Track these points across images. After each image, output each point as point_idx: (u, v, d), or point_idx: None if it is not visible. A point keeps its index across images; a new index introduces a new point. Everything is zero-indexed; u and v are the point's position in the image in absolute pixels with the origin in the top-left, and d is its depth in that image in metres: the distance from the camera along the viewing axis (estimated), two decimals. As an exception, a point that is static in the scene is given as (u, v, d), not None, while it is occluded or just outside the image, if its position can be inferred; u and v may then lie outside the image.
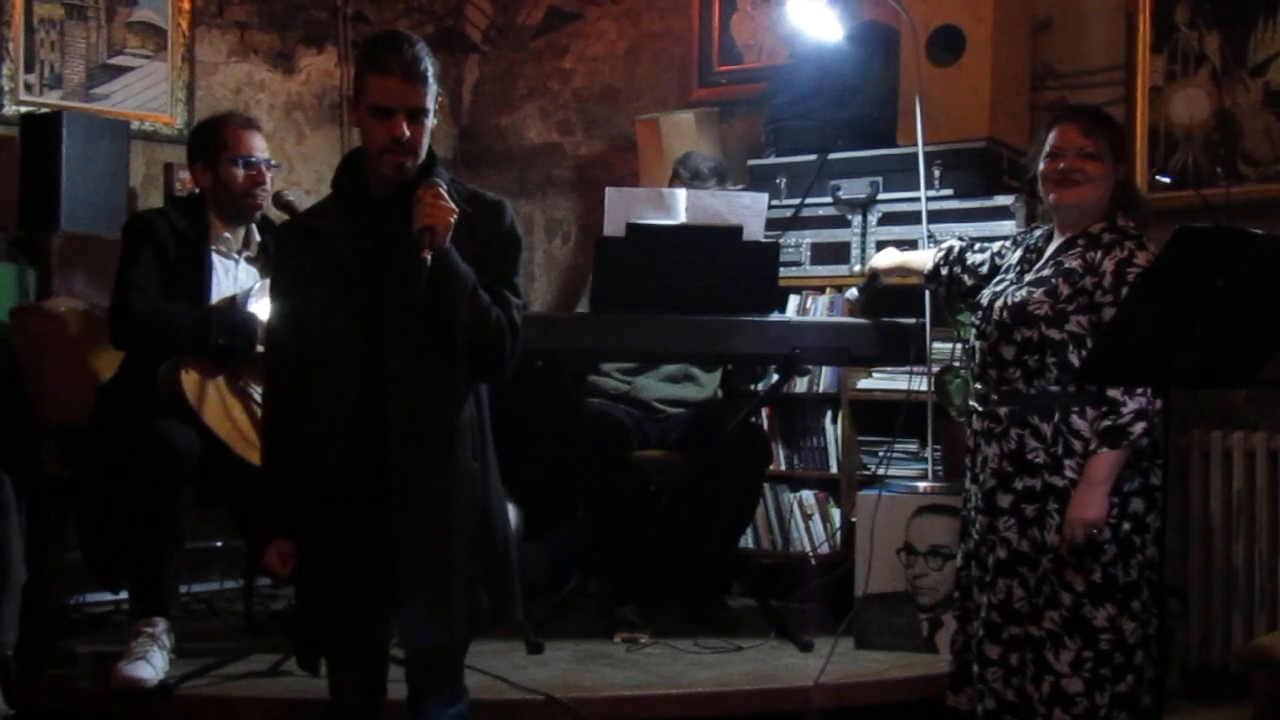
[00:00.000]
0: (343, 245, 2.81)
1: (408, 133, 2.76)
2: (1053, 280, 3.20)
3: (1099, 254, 3.17)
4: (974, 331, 3.38)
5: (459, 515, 2.79)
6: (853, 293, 4.08)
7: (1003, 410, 3.23)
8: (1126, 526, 3.12)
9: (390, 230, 2.78)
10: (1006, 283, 3.33)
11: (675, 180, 4.54)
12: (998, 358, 3.25)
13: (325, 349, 2.80)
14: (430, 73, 2.79)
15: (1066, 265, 3.20)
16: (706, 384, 4.61)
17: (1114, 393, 3.07)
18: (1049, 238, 3.35)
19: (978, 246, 3.63)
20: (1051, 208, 3.31)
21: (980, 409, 3.32)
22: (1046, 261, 3.28)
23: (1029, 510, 3.17)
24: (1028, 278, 3.28)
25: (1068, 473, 3.12)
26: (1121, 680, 3.10)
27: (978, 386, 3.38)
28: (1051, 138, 3.27)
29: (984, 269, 3.55)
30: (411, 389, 2.76)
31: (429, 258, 2.68)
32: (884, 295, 4.13)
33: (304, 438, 2.82)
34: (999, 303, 3.27)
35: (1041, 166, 3.28)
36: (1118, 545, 3.11)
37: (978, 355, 3.33)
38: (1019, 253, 3.41)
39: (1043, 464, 3.16)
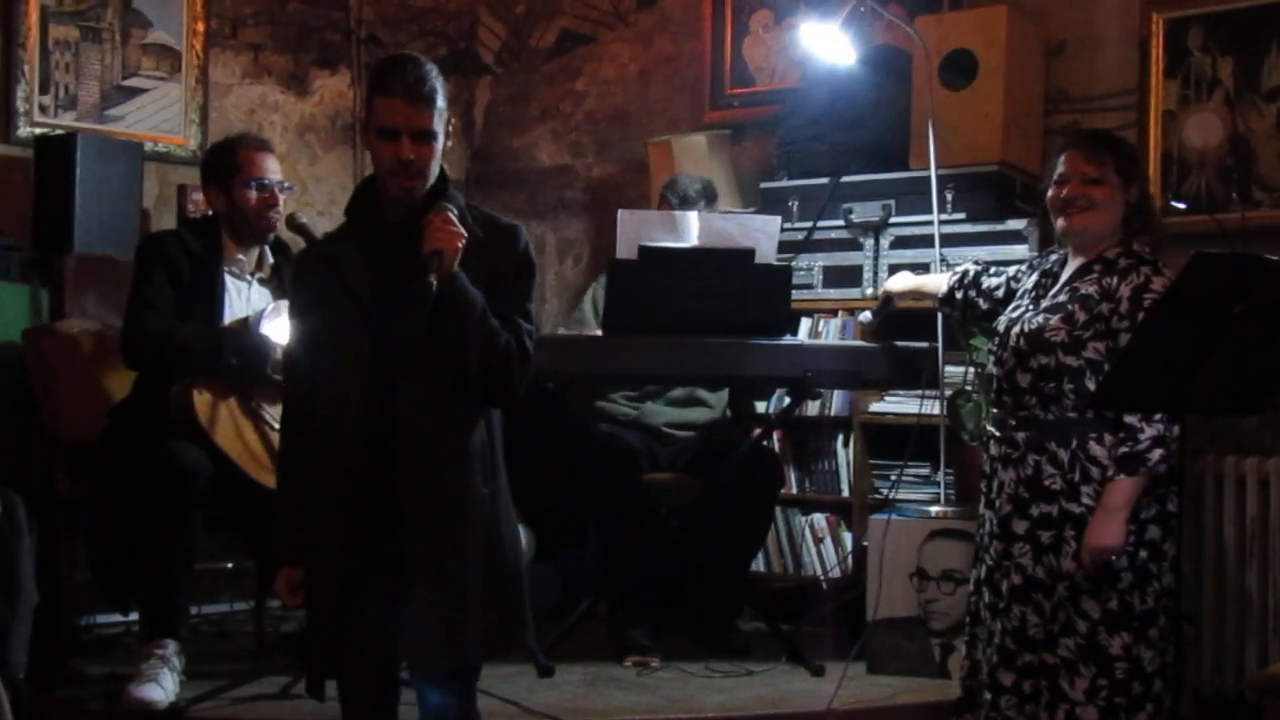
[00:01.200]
0: (355, 270, 2.81)
1: (412, 155, 2.75)
2: (1069, 306, 3.19)
3: (1115, 280, 3.17)
4: (990, 357, 3.37)
5: (468, 541, 2.78)
6: (866, 316, 4.07)
7: (1020, 436, 3.22)
8: (1144, 554, 3.10)
9: (403, 254, 2.78)
10: (1022, 309, 3.32)
11: (663, 205, 4.52)
12: (1014, 384, 3.24)
13: (336, 374, 2.79)
14: (437, 94, 2.77)
15: (1083, 291, 3.20)
16: (714, 405, 4.61)
17: (1131, 419, 3.06)
18: (1064, 263, 3.35)
19: (993, 270, 3.63)
20: (1060, 234, 3.31)
21: (997, 434, 3.30)
22: (1062, 287, 3.27)
23: (1045, 537, 3.16)
24: (1044, 304, 3.27)
25: (1085, 499, 3.11)
26: (1141, 709, 3.09)
27: (994, 412, 3.37)
28: (1059, 164, 3.28)
29: (999, 293, 3.54)
30: (422, 414, 2.75)
31: (435, 282, 2.67)
32: (897, 319, 4.12)
33: (312, 464, 2.81)
34: (1015, 329, 3.26)
35: (1049, 193, 3.29)
36: (1134, 573, 3.09)
37: (994, 381, 3.32)
38: (1034, 277, 3.40)
39: (1060, 490, 3.14)
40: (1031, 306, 3.31)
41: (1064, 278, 3.30)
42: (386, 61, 2.86)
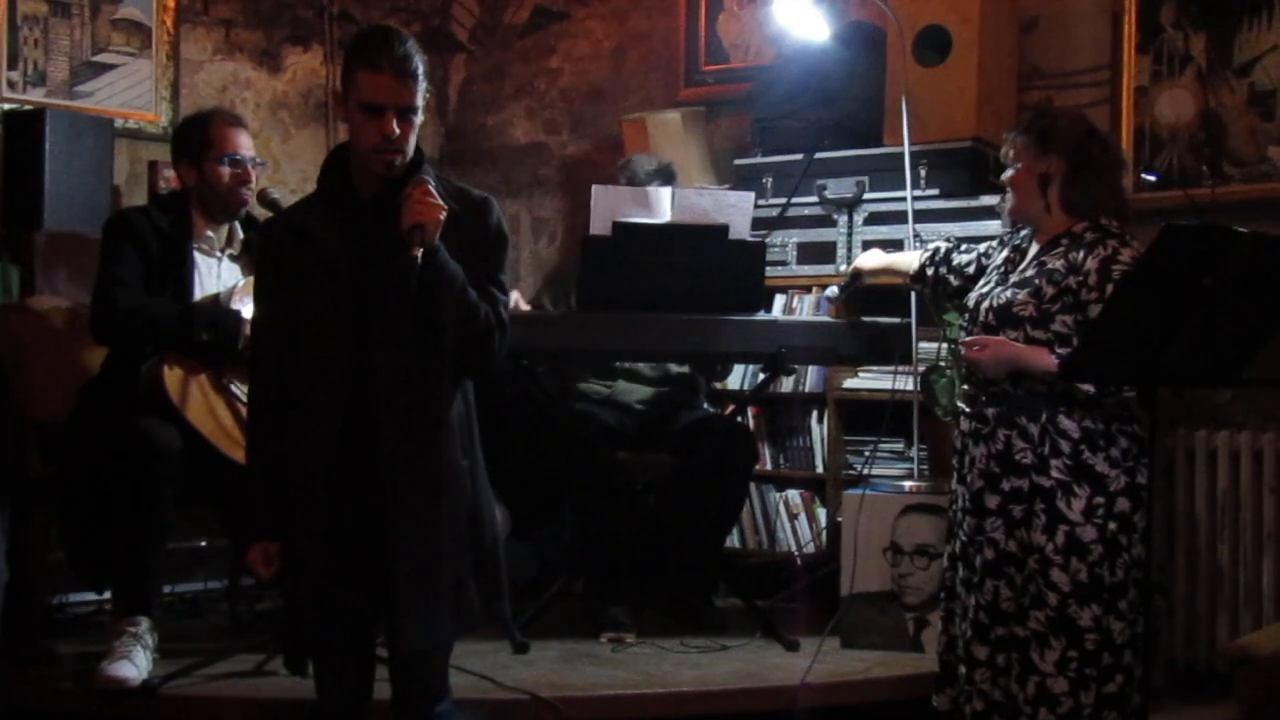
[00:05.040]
0: (329, 244, 2.80)
1: (397, 130, 2.75)
2: (1036, 281, 3.20)
3: (1081, 254, 3.18)
4: (961, 332, 3.38)
5: (449, 512, 2.78)
6: (833, 290, 4.07)
7: (990, 411, 3.23)
8: (1113, 526, 3.12)
9: (378, 229, 2.77)
10: (991, 284, 3.34)
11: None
12: None
13: (314, 349, 2.79)
14: (421, 70, 2.79)
15: (1049, 266, 3.21)
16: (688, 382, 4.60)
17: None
18: (1032, 238, 3.36)
19: (964, 247, 3.64)
20: None
21: (968, 410, 3.32)
22: (1030, 262, 3.28)
23: (1016, 511, 3.17)
24: (1012, 279, 3.29)
25: (1054, 473, 3.13)
26: (1110, 680, 3.11)
27: (965, 388, 3.38)
28: None
29: (970, 269, 3.55)
30: (401, 388, 2.75)
31: (419, 256, 2.67)
32: (867, 295, 4.12)
33: (291, 439, 2.80)
34: (985, 304, 3.28)
35: None
36: (1104, 545, 3.11)
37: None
38: (1005, 253, 3.42)
39: (1030, 464, 3.16)
40: (1000, 282, 3.32)
41: (1031, 253, 3.32)
42: (370, 34, 2.84)
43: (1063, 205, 3.24)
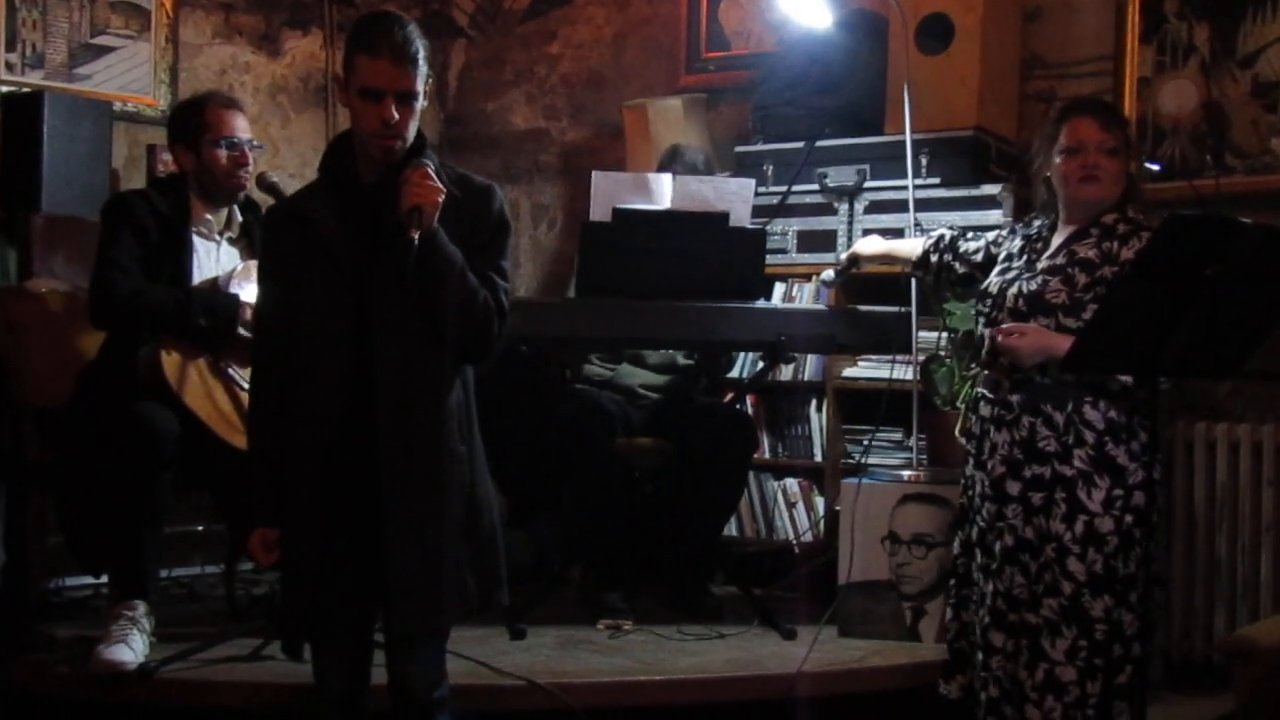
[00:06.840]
0: (331, 229, 2.80)
1: (397, 116, 2.75)
2: (1069, 270, 3.20)
3: (1115, 244, 3.20)
4: (980, 319, 3.37)
5: (447, 499, 2.78)
6: (829, 274, 4.06)
7: (1015, 398, 3.23)
8: (1129, 519, 3.12)
9: (379, 213, 2.77)
10: (1016, 272, 3.32)
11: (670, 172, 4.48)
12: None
13: (314, 333, 2.78)
14: (421, 55, 2.78)
15: (1082, 255, 3.21)
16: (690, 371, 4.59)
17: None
18: (1053, 228, 3.35)
19: (970, 235, 3.63)
20: (1068, 203, 3.29)
21: (990, 396, 3.30)
22: (1058, 251, 3.27)
23: (1036, 498, 3.17)
24: (1040, 266, 3.27)
25: (1077, 462, 3.13)
26: (1120, 671, 3.12)
27: (985, 373, 3.36)
28: (1065, 132, 3.26)
29: (978, 257, 3.54)
30: (401, 373, 2.75)
31: (417, 238, 2.66)
32: (865, 283, 4.10)
33: (290, 424, 2.80)
34: (1012, 290, 3.26)
35: (1058, 161, 3.26)
36: (1119, 537, 3.11)
37: (987, 342, 3.31)
38: (1019, 242, 3.40)
39: (1053, 453, 3.16)
40: (1026, 269, 3.30)
41: (1056, 242, 3.30)
42: (370, 19, 2.84)
43: (1122, 198, 3.26)
